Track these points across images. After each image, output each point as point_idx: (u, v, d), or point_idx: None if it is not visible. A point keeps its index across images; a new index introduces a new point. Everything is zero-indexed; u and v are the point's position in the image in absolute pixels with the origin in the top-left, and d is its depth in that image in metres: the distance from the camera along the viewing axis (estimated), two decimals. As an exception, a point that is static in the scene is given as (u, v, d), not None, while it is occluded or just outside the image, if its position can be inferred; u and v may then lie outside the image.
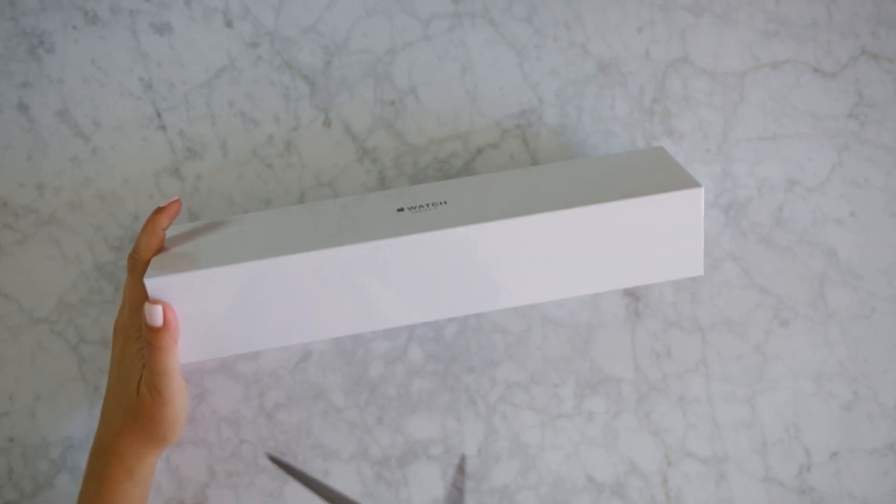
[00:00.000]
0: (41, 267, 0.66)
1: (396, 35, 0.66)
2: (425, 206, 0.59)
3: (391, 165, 0.67)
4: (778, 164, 0.67)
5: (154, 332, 0.56)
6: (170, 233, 0.61)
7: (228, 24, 0.65)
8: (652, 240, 0.58)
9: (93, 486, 0.59)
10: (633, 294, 0.67)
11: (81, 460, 0.66)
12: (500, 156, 0.67)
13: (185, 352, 0.58)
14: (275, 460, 0.56)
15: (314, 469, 0.67)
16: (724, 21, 0.66)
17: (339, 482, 0.67)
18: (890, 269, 0.68)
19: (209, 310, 0.57)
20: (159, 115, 0.66)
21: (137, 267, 0.58)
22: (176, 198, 0.60)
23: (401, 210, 0.59)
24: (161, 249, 0.59)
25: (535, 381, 0.68)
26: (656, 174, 0.60)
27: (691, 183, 0.57)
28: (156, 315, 0.56)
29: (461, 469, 0.58)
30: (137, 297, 0.59)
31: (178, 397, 0.58)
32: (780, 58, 0.67)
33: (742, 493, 0.68)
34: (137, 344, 0.58)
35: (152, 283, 0.56)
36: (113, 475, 0.58)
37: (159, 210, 0.59)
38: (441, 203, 0.60)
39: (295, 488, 0.67)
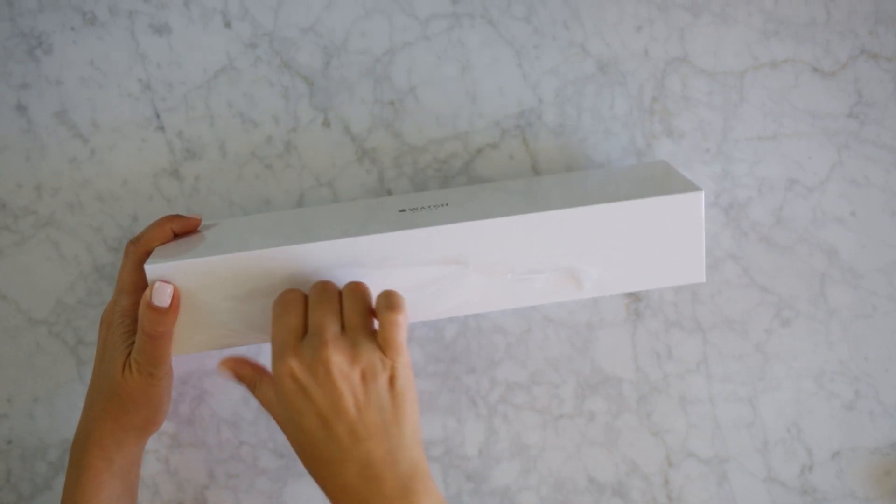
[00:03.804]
0: (39, 268, 0.66)
1: (395, 35, 0.66)
2: (426, 208, 0.59)
3: (391, 166, 0.67)
4: (778, 164, 0.67)
5: (158, 313, 0.54)
6: None
7: (227, 24, 0.65)
8: (652, 244, 0.57)
9: (73, 476, 0.57)
10: (633, 294, 0.67)
11: (80, 463, 0.66)
12: (500, 156, 0.67)
13: (178, 344, 0.57)
14: None
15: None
16: (722, 20, 0.66)
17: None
18: (890, 267, 0.68)
19: (207, 300, 0.56)
20: (158, 116, 0.66)
21: (133, 254, 0.58)
22: (199, 216, 0.60)
23: (402, 211, 0.59)
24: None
25: (536, 381, 0.68)
26: (657, 181, 0.60)
27: (692, 187, 0.57)
28: (165, 294, 0.54)
29: None
30: (126, 282, 0.58)
31: (168, 381, 0.57)
32: (779, 57, 0.67)
33: (744, 494, 0.68)
34: (121, 328, 0.57)
35: (152, 269, 0.55)
36: (92, 464, 0.57)
37: (178, 215, 0.60)
38: (442, 205, 0.60)
39: (295, 489, 0.67)
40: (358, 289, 0.53)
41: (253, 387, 0.55)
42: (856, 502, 0.68)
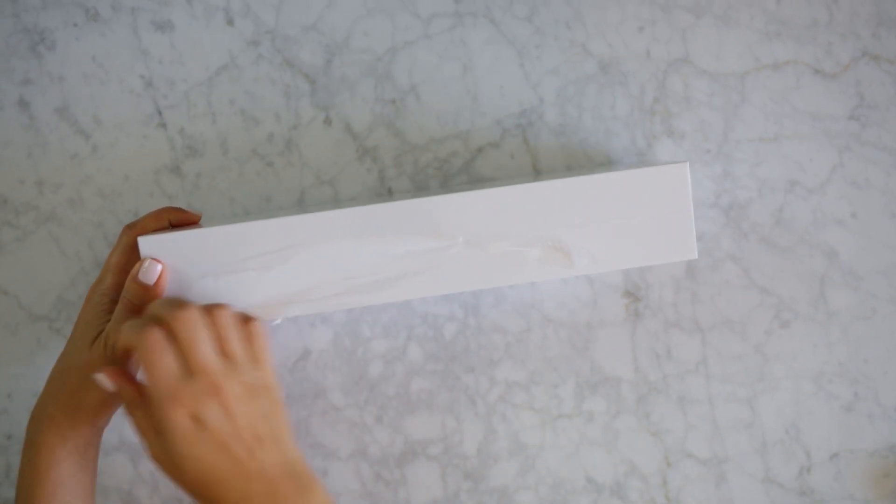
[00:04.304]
0: (41, 264, 0.66)
1: (397, 34, 0.66)
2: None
3: (391, 164, 0.67)
4: (778, 165, 0.67)
5: (142, 289, 0.55)
6: None
7: (230, 22, 0.65)
8: (642, 218, 0.58)
9: (28, 454, 0.57)
10: (633, 294, 0.67)
11: (79, 458, 0.66)
12: (501, 155, 0.67)
13: None
14: None
15: (312, 468, 0.67)
16: (724, 21, 0.66)
17: (338, 481, 0.67)
18: (890, 270, 0.68)
19: (196, 278, 0.57)
20: (160, 113, 0.66)
21: (126, 237, 0.58)
22: (199, 214, 0.61)
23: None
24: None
25: (535, 381, 0.68)
26: (649, 164, 0.60)
27: (678, 161, 0.58)
28: (153, 271, 0.55)
29: None
30: (114, 263, 0.58)
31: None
32: (780, 59, 0.67)
33: (742, 495, 0.68)
34: (99, 306, 0.57)
35: (146, 241, 0.56)
36: (46, 441, 0.56)
37: (178, 208, 0.60)
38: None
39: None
40: (225, 314, 0.53)
41: (132, 406, 0.53)
42: (854, 504, 0.68)
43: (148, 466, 0.67)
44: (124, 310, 0.55)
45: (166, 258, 0.56)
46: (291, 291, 0.57)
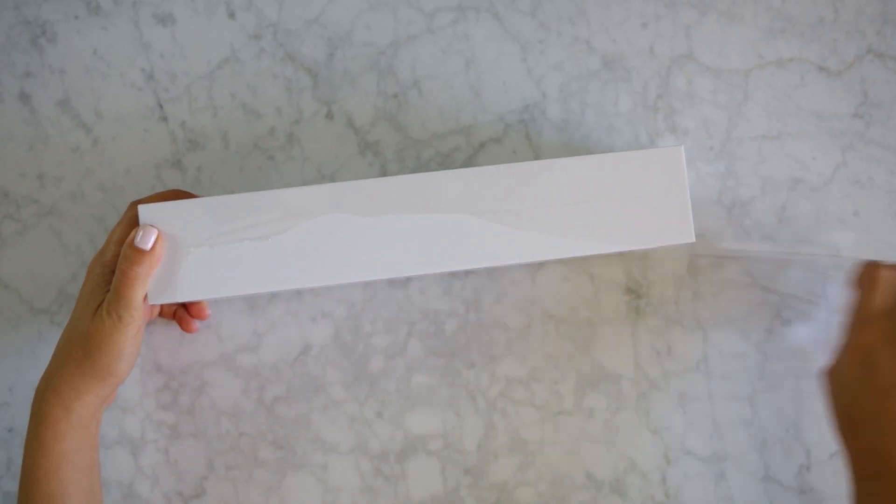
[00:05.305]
0: (42, 257, 0.66)
1: (400, 28, 0.66)
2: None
3: (393, 159, 0.67)
4: (782, 163, 0.67)
5: (138, 254, 0.55)
6: None
7: (231, 15, 0.65)
8: (639, 201, 0.58)
9: (32, 427, 0.57)
10: (634, 291, 0.67)
11: (80, 451, 0.66)
12: (503, 150, 0.67)
13: (159, 292, 0.58)
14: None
15: (312, 463, 0.67)
16: (729, 18, 0.66)
17: (338, 476, 0.67)
18: (893, 269, 0.68)
19: (196, 244, 0.57)
20: (161, 107, 0.66)
21: (131, 212, 0.58)
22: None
23: None
24: None
25: (536, 377, 0.68)
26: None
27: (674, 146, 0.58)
28: (149, 236, 0.56)
29: None
30: (117, 235, 0.58)
31: (135, 331, 0.57)
32: (785, 56, 0.67)
33: (741, 493, 0.68)
34: (100, 277, 0.57)
35: (146, 209, 0.56)
36: (50, 413, 0.56)
37: (186, 191, 0.61)
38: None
39: (294, 481, 0.67)
40: None
41: None
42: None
43: (149, 460, 0.67)
44: (122, 278, 0.56)
45: (165, 226, 0.57)
46: (288, 263, 0.58)
